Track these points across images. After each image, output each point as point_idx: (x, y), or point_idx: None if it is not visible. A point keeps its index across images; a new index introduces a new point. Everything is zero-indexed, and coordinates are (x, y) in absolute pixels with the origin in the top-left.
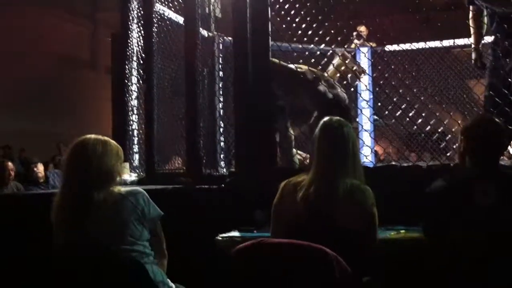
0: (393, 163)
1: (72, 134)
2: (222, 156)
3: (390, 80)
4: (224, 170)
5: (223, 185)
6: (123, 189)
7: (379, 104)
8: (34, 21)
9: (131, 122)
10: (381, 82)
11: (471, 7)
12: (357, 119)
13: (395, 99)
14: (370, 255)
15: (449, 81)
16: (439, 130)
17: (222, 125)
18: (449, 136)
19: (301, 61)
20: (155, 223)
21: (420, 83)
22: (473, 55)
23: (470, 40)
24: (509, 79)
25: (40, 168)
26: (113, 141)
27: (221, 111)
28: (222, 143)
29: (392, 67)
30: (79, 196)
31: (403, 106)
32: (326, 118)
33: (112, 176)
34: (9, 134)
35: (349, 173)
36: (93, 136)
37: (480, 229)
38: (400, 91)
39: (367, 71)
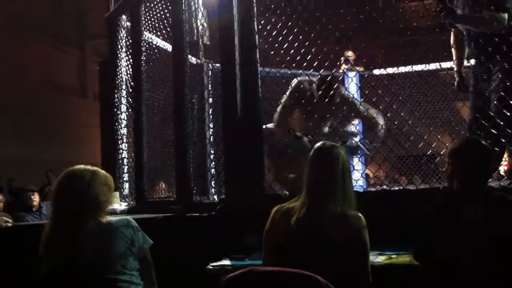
0: (384, 187)
1: (61, 162)
2: (212, 183)
3: (378, 104)
4: (215, 197)
5: (213, 212)
6: (112, 218)
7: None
8: (22, 49)
9: (121, 150)
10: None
11: (452, 30)
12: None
13: (382, 123)
14: (362, 282)
15: (435, 104)
16: (428, 153)
17: (212, 151)
18: (438, 158)
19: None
20: (144, 252)
21: (407, 106)
22: (456, 78)
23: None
24: (492, 101)
25: (36, 198)
26: (102, 171)
27: (211, 137)
28: (212, 170)
29: (379, 91)
30: (68, 226)
31: (391, 130)
32: (319, 143)
33: (101, 205)
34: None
35: (339, 198)
36: (82, 166)
37: (469, 251)
38: (388, 115)
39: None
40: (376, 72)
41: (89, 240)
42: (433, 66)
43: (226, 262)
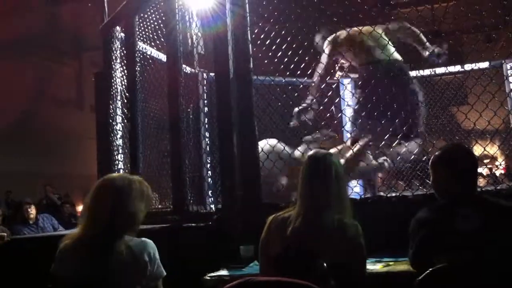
0: (381, 193)
1: (58, 174)
2: (209, 192)
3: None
4: (212, 206)
5: (210, 222)
6: (134, 240)
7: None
8: (19, 62)
9: (117, 161)
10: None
11: None
12: None
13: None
14: None
15: (430, 109)
16: (423, 159)
17: (208, 161)
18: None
19: (284, 95)
20: (156, 282)
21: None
22: None
23: (449, 69)
24: None
25: (33, 210)
26: (138, 179)
27: (207, 147)
28: (209, 179)
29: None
30: (96, 243)
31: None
32: (312, 151)
33: (138, 219)
34: None
35: (335, 206)
36: (117, 175)
37: (464, 256)
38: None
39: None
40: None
41: (113, 264)
42: (427, 72)
43: (224, 272)
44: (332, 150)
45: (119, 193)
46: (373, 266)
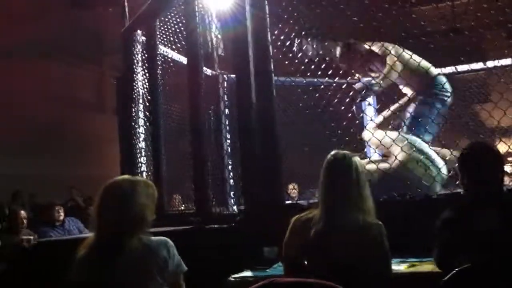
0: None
1: (81, 177)
2: (231, 193)
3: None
4: (234, 208)
5: (233, 224)
6: (151, 238)
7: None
8: (42, 67)
9: (140, 164)
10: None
11: None
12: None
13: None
14: None
15: (453, 108)
16: (447, 158)
17: (230, 162)
18: (456, 164)
19: (305, 96)
20: (177, 278)
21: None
22: None
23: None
24: None
25: (62, 212)
26: (143, 180)
27: (228, 148)
28: (231, 181)
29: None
30: (110, 244)
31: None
32: (331, 153)
33: (145, 219)
34: (18, 179)
35: (357, 206)
36: (123, 177)
37: (490, 256)
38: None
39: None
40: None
41: (127, 261)
42: (449, 69)
43: (248, 273)
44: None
45: (124, 195)
46: (398, 267)
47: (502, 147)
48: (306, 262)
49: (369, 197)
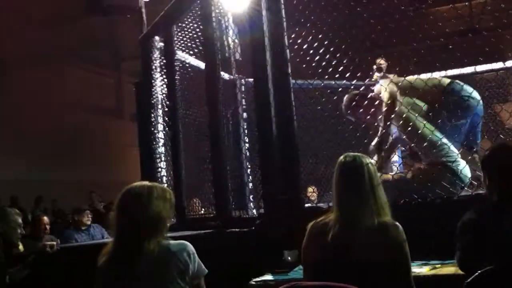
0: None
1: (101, 182)
2: (251, 197)
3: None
4: (254, 211)
5: (253, 227)
6: (171, 242)
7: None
8: (61, 74)
9: (160, 168)
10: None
11: None
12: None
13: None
14: None
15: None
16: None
17: (249, 166)
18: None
19: (323, 99)
20: (198, 280)
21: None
22: None
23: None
24: None
25: (89, 217)
26: (160, 185)
27: (247, 152)
28: (250, 184)
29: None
30: (129, 248)
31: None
32: (342, 155)
33: (162, 222)
34: (40, 184)
35: (372, 209)
36: (139, 183)
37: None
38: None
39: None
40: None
41: (146, 264)
42: (468, 70)
43: (269, 277)
44: None
45: (141, 199)
46: (420, 269)
47: None
48: (324, 268)
49: (383, 197)
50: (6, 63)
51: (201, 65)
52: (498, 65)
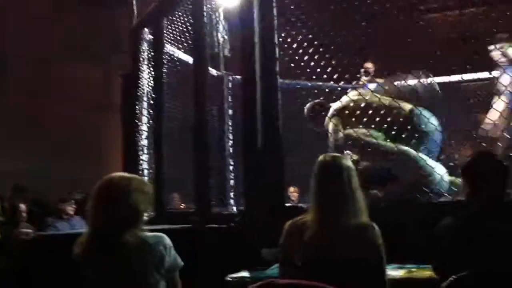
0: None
1: (84, 177)
2: (232, 194)
3: None
4: (234, 208)
5: (232, 224)
6: (148, 234)
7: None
8: (49, 65)
9: (141, 161)
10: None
11: None
12: None
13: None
14: None
15: (457, 116)
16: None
17: (231, 163)
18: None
19: (309, 99)
20: (173, 273)
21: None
22: None
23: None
24: None
25: (73, 207)
26: (139, 178)
27: (230, 149)
28: (231, 181)
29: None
30: (105, 240)
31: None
32: (321, 156)
33: (139, 215)
34: (23, 175)
35: (350, 210)
36: (118, 174)
37: (490, 265)
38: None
39: None
40: (397, 83)
41: (122, 254)
42: (455, 78)
43: (245, 274)
44: None
45: (118, 191)
46: (396, 272)
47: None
48: (302, 267)
49: (361, 198)
50: None
51: (190, 59)
52: (484, 74)
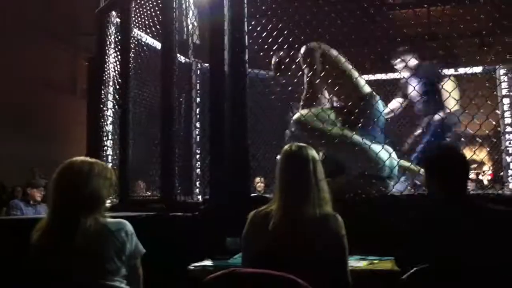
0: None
1: (47, 160)
2: (197, 183)
3: None
4: (199, 197)
5: (197, 212)
6: (109, 220)
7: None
8: (13, 47)
9: (106, 147)
10: None
11: None
12: None
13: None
14: (343, 284)
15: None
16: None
17: (198, 151)
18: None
19: (278, 89)
20: (135, 260)
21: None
22: None
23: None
24: None
25: (42, 193)
26: (101, 162)
27: (197, 137)
28: (197, 170)
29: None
30: (65, 223)
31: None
32: (286, 145)
33: (100, 200)
34: None
35: (314, 199)
36: (80, 158)
37: (451, 258)
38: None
39: None
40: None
41: (82, 240)
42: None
43: (208, 262)
44: None
45: (79, 175)
46: (357, 263)
47: (468, 153)
48: (265, 256)
49: (326, 189)
50: None
51: (158, 45)
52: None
